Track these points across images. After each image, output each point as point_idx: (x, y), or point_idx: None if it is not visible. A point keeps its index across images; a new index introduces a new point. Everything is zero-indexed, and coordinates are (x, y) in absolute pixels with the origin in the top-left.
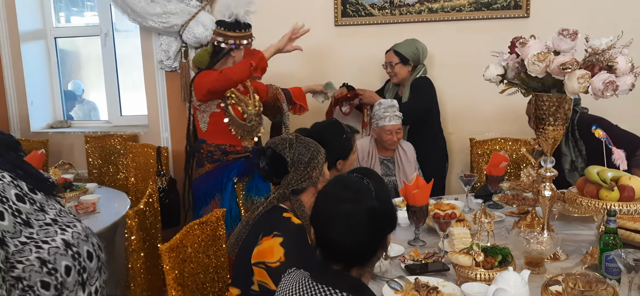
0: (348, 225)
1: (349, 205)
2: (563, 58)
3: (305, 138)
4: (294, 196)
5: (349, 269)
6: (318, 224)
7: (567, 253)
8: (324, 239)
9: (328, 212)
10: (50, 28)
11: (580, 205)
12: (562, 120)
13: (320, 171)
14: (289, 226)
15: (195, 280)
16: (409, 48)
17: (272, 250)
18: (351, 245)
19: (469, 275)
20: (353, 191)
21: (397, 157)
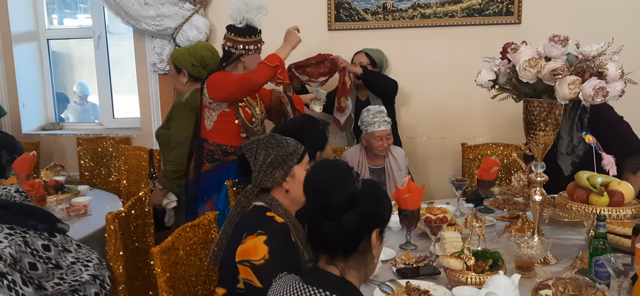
0: (335, 173)
1: (334, 163)
2: (554, 64)
3: (282, 139)
4: (263, 194)
5: (333, 259)
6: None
7: (557, 258)
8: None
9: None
10: (43, 30)
11: (571, 210)
12: (552, 125)
13: (287, 172)
14: (272, 225)
15: (187, 283)
16: (378, 54)
17: (256, 248)
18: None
19: (459, 278)
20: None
21: (388, 166)
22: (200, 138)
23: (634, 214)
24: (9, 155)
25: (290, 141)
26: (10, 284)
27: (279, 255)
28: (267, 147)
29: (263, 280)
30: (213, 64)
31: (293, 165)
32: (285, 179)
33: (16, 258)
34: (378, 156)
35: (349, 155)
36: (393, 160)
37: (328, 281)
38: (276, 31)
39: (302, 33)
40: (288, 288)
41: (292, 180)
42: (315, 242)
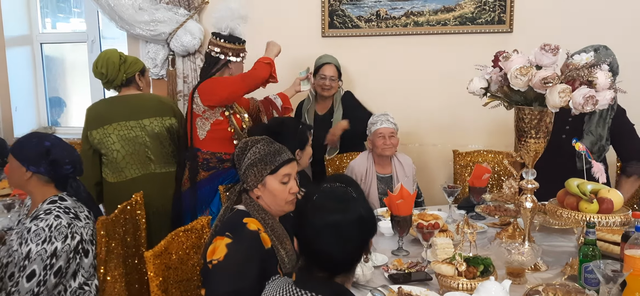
0: (338, 236)
1: (339, 216)
2: (545, 72)
3: (269, 147)
4: (244, 195)
5: (333, 276)
6: (305, 235)
7: (547, 264)
8: (311, 250)
9: (317, 223)
10: (36, 34)
11: (561, 217)
12: (543, 133)
13: (258, 180)
14: (243, 231)
15: (180, 287)
16: (337, 61)
17: (217, 248)
18: (340, 254)
19: (451, 284)
20: (341, 201)
21: (395, 174)
22: (194, 148)
23: (623, 221)
24: (1, 159)
25: (273, 149)
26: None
27: (233, 262)
28: (250, 148)
29: (205, 282)
30: (109, 72)
31: (266, 175)
32: (256, 185)
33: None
34: (385, 161)
35: (357, 164)
36: (399, 166)
37: (326, 287)
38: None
39: (296, 40)
40: (280, 291)
41: (263, 188)
42: (315, 262)
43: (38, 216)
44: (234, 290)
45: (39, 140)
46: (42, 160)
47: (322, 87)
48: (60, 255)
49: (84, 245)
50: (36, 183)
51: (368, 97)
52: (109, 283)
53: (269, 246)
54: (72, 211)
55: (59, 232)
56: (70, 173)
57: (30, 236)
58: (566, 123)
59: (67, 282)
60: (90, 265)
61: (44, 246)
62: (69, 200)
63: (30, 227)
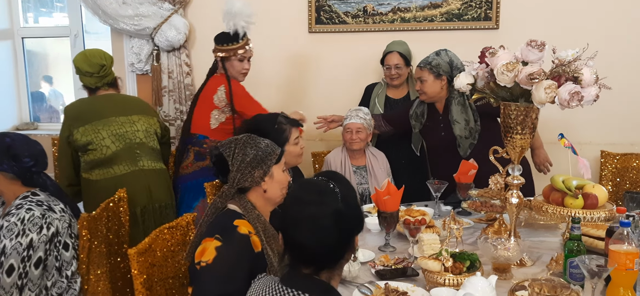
0: (314, 228)
1: (314, 208)
2: (531, 68)
3: (260, 140)
4: (239, 195)
5: (318, 272)
6: (285, 227)
7: (532, 260)
8: (292, 242)
9: (294, 215)
10: (17, 28)
11: (546, 212)
12: (529, 128)
13: (265, 172)
14: (233, 234)
15: (164, 285)
16: (407, 47)
17: (206, 250)
18: (318, 247)
19: (437, 280)
20: (318, 193)
21: (369, 165)
22: (200, 135)
23: (608, 217)
24: None
25: (268, 142)
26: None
27: (222, 265)
28: (245, 147)
29: (192, 281)
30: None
31: (271, 165)
32: (263, 179)
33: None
34: (358, 153)
35: (332, 157)
36: (374, 159)
37: (311, 285)
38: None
39: (283, 35)
40: (266, 289)
41: (270, 179)
42: (299, 258)
43: (10, 212)
44: (221, 294)
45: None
46: (3, 156)
47: (390, 77)
48: (37, 245)
49: (60, 237)
50: (3, 182)
51: (354, 93)
52: (92, 282)
53: (258, 250)
54: (46, 204)
55: (33, 224)
56: (31, 167)
57: (2, 233)
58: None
59: (52, 276)
60: (71, 258)
61: (18, 239)
62: (41, 194)
63: (2, 224)
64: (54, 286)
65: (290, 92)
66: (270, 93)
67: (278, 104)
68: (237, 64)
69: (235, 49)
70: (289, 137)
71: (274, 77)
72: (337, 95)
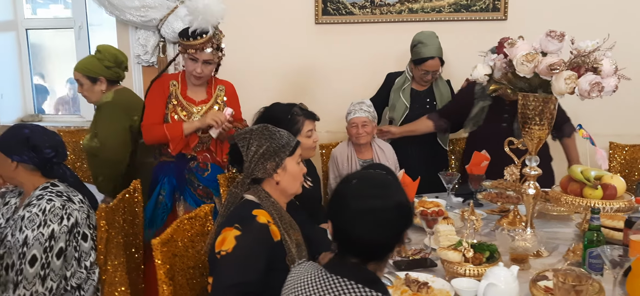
0: (376, 221)
1: (377, 201)
2: (551, 59)
3: (275, 131)
4: (254, 185)
5: (366, 263)
6: (341, 220)
7: (548, 250)
8: (347, 234)
9: (354, 207)
10: (21, 19)
11: (565, 203)
12: (547, 119)
13: (278, 164)
14: (252, 223)
15: (185, 275)
16: (439, 44)
17: (225, 239)
18: (377, 240)
19: (458, 270)
20: (381, 187)
21: (376, 158)
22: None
23: (628, 207)
24: None
25: (283, 133)
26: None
27: (242, 255)
28: (260, 138)
29: (212, 270)
30: (126, 60)
31: (285, 158)
32: (276, 171)
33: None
34: (365, 147)
35: (339, 151)
36: (381, 152)
37: (358, 274)
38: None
39: (289, 27)
40: (310, 275)
41: (283, 172)
42: (350, 248)
43: (30, 203)
44: (241, 282)
45: (18, 129)
46: (23, 148)
47: (423, 80)
48: (59, 236)
49: (79, 228)
50: (23, 173)
51: (362, 84)
52: (109, 272)
53: (277, 239)
54: (65, 194)
55: (54, 214)
56: (52, 158)
57: (24, 224)
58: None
59: (71, 266)
60: (90, 249)
61: (40, 230)
62: (60, 185)
63: (24, 215)
64: (73, 276)
65: (297, 84)
66: (276, 86)
67: (284, 97)
68: (189, 63)
69: (186, 46)
70: (302, 129)
71: (279, 69)
72: (344, 87)
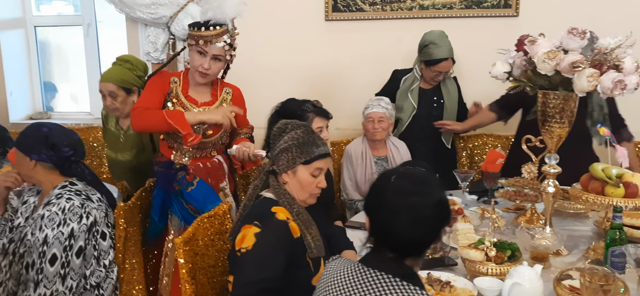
0: (416, 218)
1: (418, 198)
2: (574, 57)
3: (310, 135)
4: (272, 177)
5: (403, 258)
6: (380, 215)
7: (568, 248)
8: (386, 231)
9: (395, 203)
10: (29, 16)
11: (586, 202)
12: (568, 117)
13: (289, 165)
14: (271, 220)
15: (206, 273)
16: (449, 44)
17: (245, 237)
18: (417, 236)
19: (479, 269)
20: (422, 184)
21: (390, 156)
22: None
23: None
24: (2, 147)
25: (316, 140)
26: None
27: (262, 252)
28: (293, 133)
29: (233, 269)
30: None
31: (299, 163)
32: (286, 171)
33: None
34: (379, 144)
35: (353, 147)
36: (395, 150)
37: (396, 268)
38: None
39: (298, 23)
40: (346, 269)
41: (292, 175)
42: (388, 244)
43: (50, 202)
44: (261, 279)
45: (36, 128)
46: (42, 146)
47: (434, 80)
48: (78, 235)
49: (98, 226)
50: (42, 171)
51: (372, 82)
52: (127, 271)
53: (297, 236)
54: (84, 193)
55: (73, 213)
56: (71, 156)
57: (44, 222)
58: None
59: (91, 265)
60: (108, 247)
61: (60, 229)
62: (79, 184)
63: (44, 213)
64: (92, 275)
65: (306, 82)
66: (286, 84)
67: (293, 94)
68: (196, 57)
69: (196, 37)
70: (311, 125)
71: (289, 66)
72: (354, 84)
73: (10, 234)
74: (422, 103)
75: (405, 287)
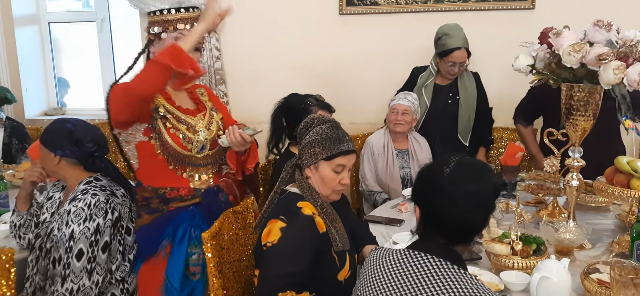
0: (477, 203)
1: (477, 184)
2: (600, 49)
3: (337, 131)
4: (298, 171)
5: (453, 245)
6: (436, 203)
7: (591, 242)
8: (441, 218)
9: (453, 190)
10: (43, 12)
11: (612, 195)
12: (593, 110)
13: (311, 160)
14: (297, 215)
15: (232, 268)
16: (463, 35)
17: (271, 231)
18: (472, 222)
19: (505, 263)
20: (479, 171)
21: (411, 149)
22: (137, 182)
23: None
24: (19, 143)
25: (340, 136)
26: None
27: (287, 246)
28: (317, 125)
29: (258, 263)
30: None
31: (320, 159)
32: (309, 166)
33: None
34: (401, 136)
35: (374, 139)
36: (416, 144)
37: (445, 252)
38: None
39: (313, 18)
40: (391, 254)
41: (315, 170)
42: (441, 231)
43: (76, 197)
44: (286, 273)
45: (60, 123)
46: (66, 142)
47: (451, 73)
48: (103, 230)
49: (122, 222)
50: (66, 167)
51: (386, 76)
52: None
53: (323, 231)
54: (108, 189)
55: (99, 208)
56: (94, 152)
57: (70, 218)
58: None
59: (116, 260)
60: (133, 242)
61: (86, 224)
62: (103, 179)
63: (70, 209)
64: (117, 270)
65: (320, 76)
66: (299, 78)
67: (307, 90)
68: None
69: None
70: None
71: (302, 60)
72: (368, 79)
73: (36, 229)
74: (437, 100)
75: (454, 270)
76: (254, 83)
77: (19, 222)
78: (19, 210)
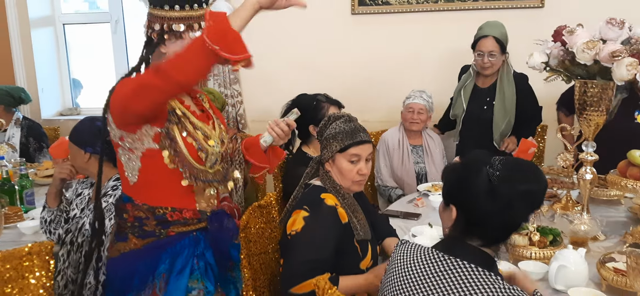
0: (533, 203)
1: (534, 185)
2: (613, 46)
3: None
4: (321, 166)
5: (486, 246)
6: (485, 205)
7: (605, 234)
8: (489, 220)
9: (509, 192)
10: (58, 14)
11: (625, 188)
12: (606, 105)
13: (329, 154)
14: (321, 205)
15: (259, 260)
16: (502, 30)
17: (295, 221)
18: (520, 221)
19: (523, 254)
20: (531, 170)
21: (426, 145)
22: (123, 197)
23: None
24: (36, 142)
25: (353, 128)
26: None
27: (309, 235)
28: (333, 121)
29: (284, 252)
30: None
31: (335, 151)
32: (328, 160)
33: None
34: (416, 134)
35: (389, 135)
36: (430, 140)
37: (470, 253)
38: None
39: (324, 18)
40: (419, 254)
41: (333, 164)
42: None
43: (106, 193)
44: (310, 260)
45: (90, 122)
46: (96, 139)
47: (482, 66)
48: None
49: None
50: (95, 164)
51: (401, 75)
52: None
53: (345, 221)
54: None
55: None
56: None
57: None
58: None
59: None
60: None
61: None
62: None
63: None
64: None
65: (333, 76)
66: (311, 78)
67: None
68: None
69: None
70: (327, 114)
71: (315, 61)
72: (380, 78)
73: (66, 225)
74: (474, 104)
75: (485, 275)
76: (266, 82)
77: (50, 218)
78: (49, 206)
